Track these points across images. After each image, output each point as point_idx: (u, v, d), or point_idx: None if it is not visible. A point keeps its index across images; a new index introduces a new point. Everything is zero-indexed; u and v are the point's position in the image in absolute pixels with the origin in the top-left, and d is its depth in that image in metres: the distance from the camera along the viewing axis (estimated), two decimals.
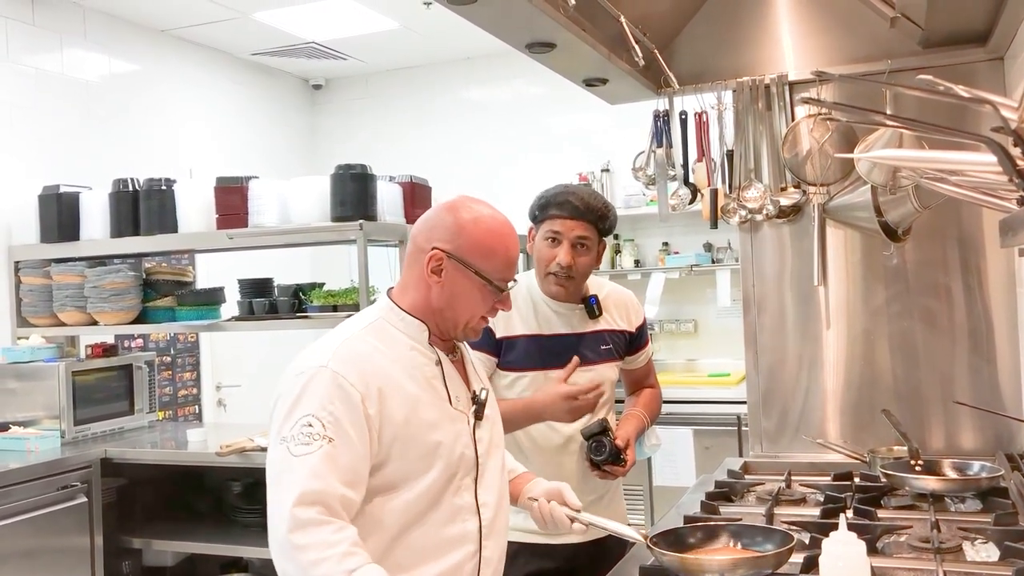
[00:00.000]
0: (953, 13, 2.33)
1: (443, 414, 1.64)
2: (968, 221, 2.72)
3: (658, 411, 2.60)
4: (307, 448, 1.49)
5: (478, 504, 1.67)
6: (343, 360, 1.56)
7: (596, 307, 2.40)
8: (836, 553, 1.30)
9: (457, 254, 1.63)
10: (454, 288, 1.64)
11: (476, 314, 1.68)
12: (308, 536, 1.44)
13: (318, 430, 1.50)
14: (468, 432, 1.68)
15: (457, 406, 1.67)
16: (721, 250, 5.59)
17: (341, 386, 1.53)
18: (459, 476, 1.64)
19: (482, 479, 1.69)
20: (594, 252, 2.35)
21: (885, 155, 1.85)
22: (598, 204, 2.34)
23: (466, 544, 1.65)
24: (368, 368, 1.57)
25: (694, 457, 4.78)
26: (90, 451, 3.83)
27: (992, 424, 2.66)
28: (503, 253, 1.66)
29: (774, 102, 2.85)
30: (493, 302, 1.68)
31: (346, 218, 3.65)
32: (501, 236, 1.67)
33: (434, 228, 1.67)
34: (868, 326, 2.82)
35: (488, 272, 1.64)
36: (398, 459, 1.57)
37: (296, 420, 1.52)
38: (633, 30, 2.42)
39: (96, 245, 4.19)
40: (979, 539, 1.85)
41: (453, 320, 1.67)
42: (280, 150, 6.45)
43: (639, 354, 2.55)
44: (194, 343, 5.58)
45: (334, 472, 1.48)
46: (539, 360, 2.32)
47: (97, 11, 5.04)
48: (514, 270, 1.70)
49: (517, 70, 5.97)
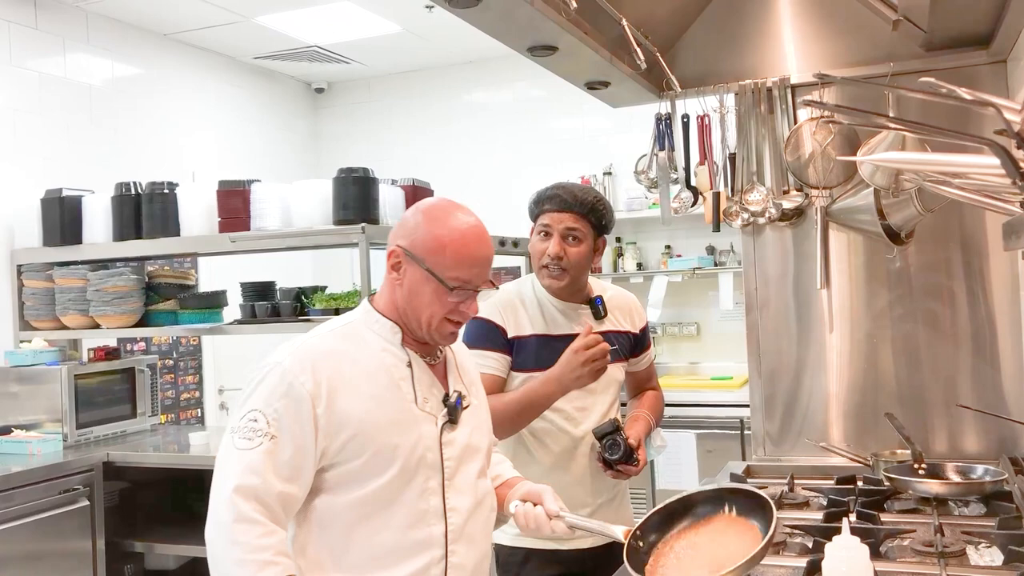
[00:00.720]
0: (956, 16, 2.32)
1: (405, 416, 1.64)
2: (971, 224, 2.71)
3: (662, 413, 2.61)
4: (248, 443, 1.54)
5: (446, 508, 1.66)
6: (299, 359, 1.60)
7: (602, 307, 2.41)
8: (839, 557, 1.30)
9: (411, 250, 1.64)
10: (411, 285, 1.65)
11: (435, 314, 1.65)
12: (239, 532, 1.49)
13: (262, 426, 1.54)
14: (434, 435, 1.67)
15: (424, 408, 1.67)
16: (724, 253, 5.58)
17: (291, 384, 1.56)
18: (421, 479, 1.64)
19: (452, 483, 1.68)
20: (587, 244, 2.35)
21: (888, 158, 1.84)
22: (587, 197, 2.36)
23: (431, 549, 1.64)
24: (323, 367, 1.59)
25: (697, 460, 4.77)
26: (92, 454, 3.83)
27: (996, 428, 2.66)
28: (455, 250, 1.63)
29: (776, 105, 2.85)
30: (452, 303, 1.65)
31: (348, 221, 3.65)
32: (456, 232, 1.64)
33: (400, 227, 1.70)
34: (871, 329, 2.81)
35: (438, 269, 1.62)
36: (353, 459, 1.59)
37: (244, 413, 1.58)
38: (635, 33, 2.42)
39: (98, 248, 4.19)
40: (983, 543, 1.85)
41: (416, 319, 1.67)
42: (282, 154, 6.45)
43: (642, 356, 2.56)
44: (196, 346, 5.58)
45: (272, 469, 1.52)
46: (547, 360, 2.32)
47: (100, 15, 5.05)
48: (472, 272, 1.65)
49: (519, 73, 5.97)
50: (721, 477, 2.60)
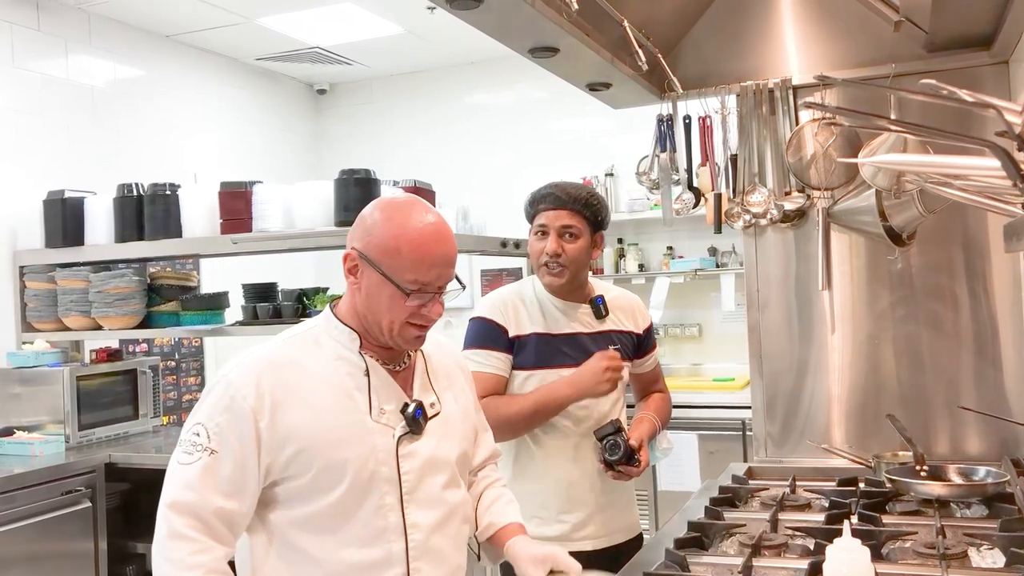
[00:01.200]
0: (957, 17, 2.32)
1: (356, 428, 1.57)
2: (973, 225, 2.71)
3: (669, 415, 2.61)
4: (188, 458, 1.52)
5: (405, 524, 1.59)
6: (244, 372, 1.56)
7: (603, 307, 2.42)
8: (840, 559, 1.30)
9: (366, 253, 1.57)
10: (368, 290, 1.59)
11: (396, 319, 1.58)
12: (172, 549, 1.47)
13: (203, 441, 1.52)
14: (389, 447, 1.59)
15: (380, 419, 1.60)
16: (726, 254, 5.58)
17: (233, 397, 1.53)
18: (376, 495, 1.57)
19: (412, 497, 1.60)
20: (584, 240, 2.35)
21: (889, 160, 1.84)
22: (581, 193, 2.37)
23: (392, 566, 1.58)
24: (267, 380, 1.55)
25: (699, 462, 4.77)
26: (94, 456, 3.83)
27: (998, 429, 2.65)
28: (410, 252, 1.54)
29: (778, 106, 2.85)
30: (411, 307, 1.57)
31: (350, 223, 3.62)
32: (412, 233, 1.56)
33: (356, 227, 1.63)
34: (873, 331, 2.81)
35: (394, 273, 1.55)
36: (300, 475, 1.54)
37: (190, 426, 1.55)
38: (636, 35, 2.42)
39: (100, 250, 4.19)
40: (985, 545, 1.84)
41: (376, 324, 1.60)
42: (284, 155, 6.46)
43: (647, 357, 2.56)
44: (198, 348, 5.58)
45: (210, 485, 1.49)
46: (548, 359, 2.34)
47: (102, 17, 5.06)
48: (431, 273, 1.56)
49: (521, 75, 5.97)
50: (723, 479, 2.60)
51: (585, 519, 2.34)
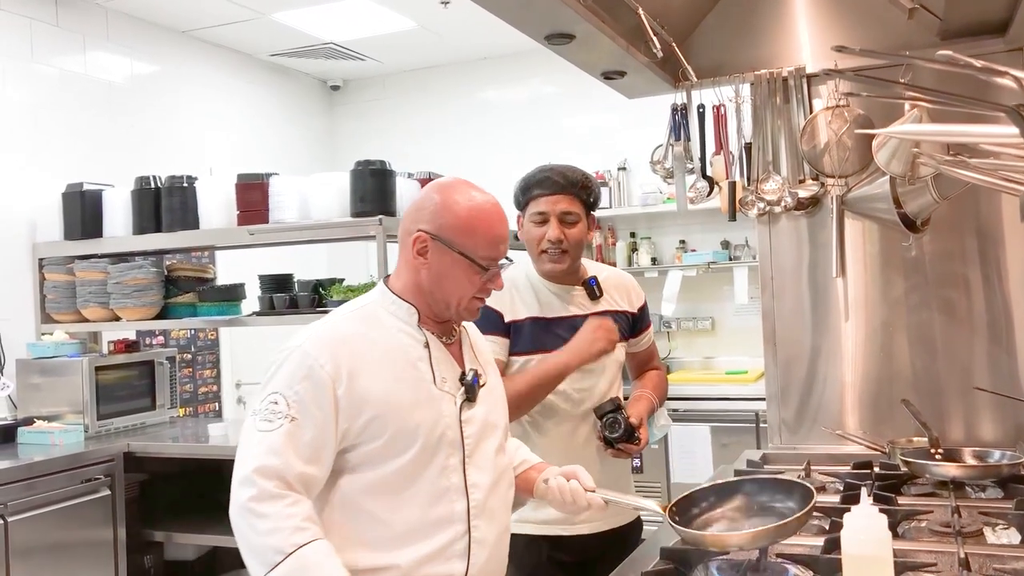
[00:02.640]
0: (971, 3, 2.33)
1: (424, 395, 1.66)
2: (987, 211, 2.71)
3: (665, 392, 2.61)
4: (269, 425, 1.56)
5: (467, 484, 1.68)
6: (318, 342, 1.62)
7: (596, 288, 2.42)
8: (858, 527, 1.31)
9: (439, 234, 1.66)
10: (440, 269, 1.67)
11: (465, 294, 1.69)
12: (265, 506, 1.51)
13: (282, 408, 1.57)
14: (453, 413, 1.69)
15: (443, 387, 1.69)
16: (738, 247, 5.59)
17: (311, 367, 1.59)
18: (442, 456, 1.66)
19: (472, 460, 1.70)
20: (582, 224, 2.36)
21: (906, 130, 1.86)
22: (577, 176, 2.36)
23: (454, 524, 1.66)
24: (343, 350, 1.61)
25: (712, 454, 4.78)
26: (113, 445, 3.87)
27: (1012, 415, 2.66)
28: (485, 230, 1.67)
29: (792, 95, 2.86)
30: (481, 281, 1.69)
31: (365, 214, 3.68)
32: (483, 213, 1.68)
33: (419, 210, 1.70)
34: (887, 318, 2.82)
35: (470, 250, 1.66)
36: (374, 439, 1.61)
37: (265, 396, 1.60)
38: (651, 23, 2.44)
39: (119, 242, 4.24)
40: (1000, 524, 1.86)
41: (444, 301, 1.70)
42: (298, 151, 6.50)
43: (642, 336, 2.56)
44: (214, 341, 5.63)
45: (292, 450, 1.54)
46: (544, 342, 2.33)
47: (120, 12, 5.11)
48: (500, 249, 1.71)
49: (533, 70, 6.01)
50: (738, 464, 2.61)
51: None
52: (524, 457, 1.94)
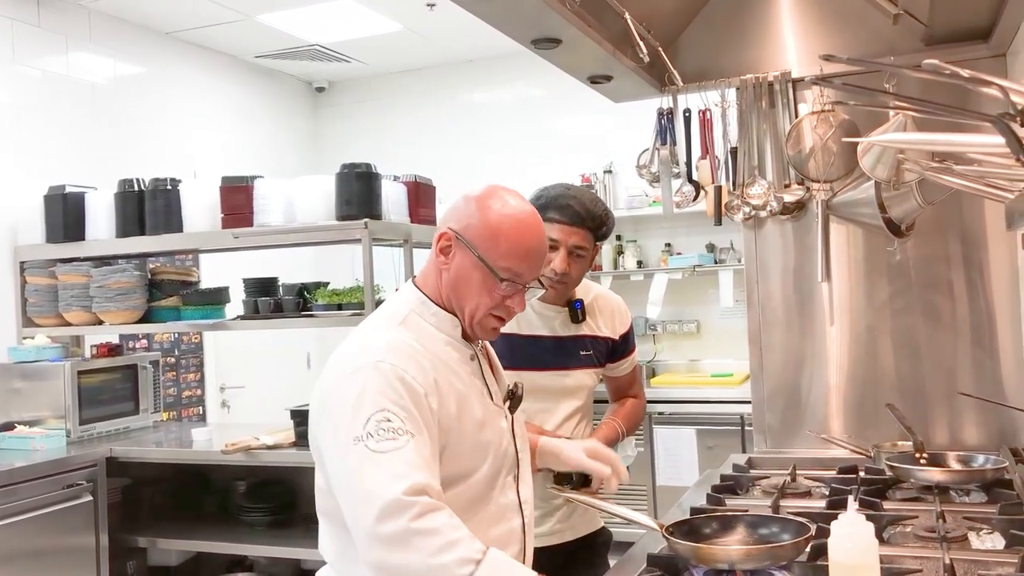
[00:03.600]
0: (955, 9, 2.34)
1: (487, 410, 1.59)
2: (971, 216, 2.73)
3: (638, 422, 2.52)
4: (395, 443, 1.38)
5: (520, 501, 1.63)
6: (398, 354, 1.48)
7: (580, 312, 2.34)
8: (845, 534, 1.31)
9: (463, 234, 1.56)
10: (459, 272, 1.57)
11: (480, 305, 1.57)
12: (431, 521, 1.34)
13: (398, 424, 1.40)
14: (508, 428, 1.63)
15: (496, 401, 1.63)
16: (724, 251, 5.60)
17: (404, 380, 1.45)
18: (503, 474, 1.60)
19: (523, 476, 1.65)
20: (588, 259, 2.30)
21: (892, 138, 1.87)
22: (599, 211, 2.28)
23: (512, 543, 1.59)
24: (424, 362, 1.50)
25: (697, 457, 4.79)
26: (95, 450, 3.84)
27: (996, 419, 2.67)
28: (511, 239, 1.55)
29: (777, 99, 2.86)
30: (499, 295, 1.56)
31: (351, 217, 3.66)
32: (513, 221, 1.56)
33: (454, 210, 1.61)
34: (872, 322, 2.83)
35: (491, 258, 1.54)
36: (451, 456, 1.50)
37: (369, 417, 1.40)
38: (637, 27, 2.44)
39: (101, 245, 4.20)
40: (985, 529, 1.86)
41: (459, 309, 1.59)
42: (284, 153, 6.47)
43: (623, 362, 2.47)
44: (198, 344, 5.60)
45: (425, 465, 1.40)
46: (513, 360, 2.16)
47: (102, 13, 5.07)
48: (528, 265, 1.57)
49: (520, 72, 6.00)
50: (724, 469, 2.61)
51: (543, 515, 2.23)
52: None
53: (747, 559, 1.55)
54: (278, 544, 3.70)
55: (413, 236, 3.84)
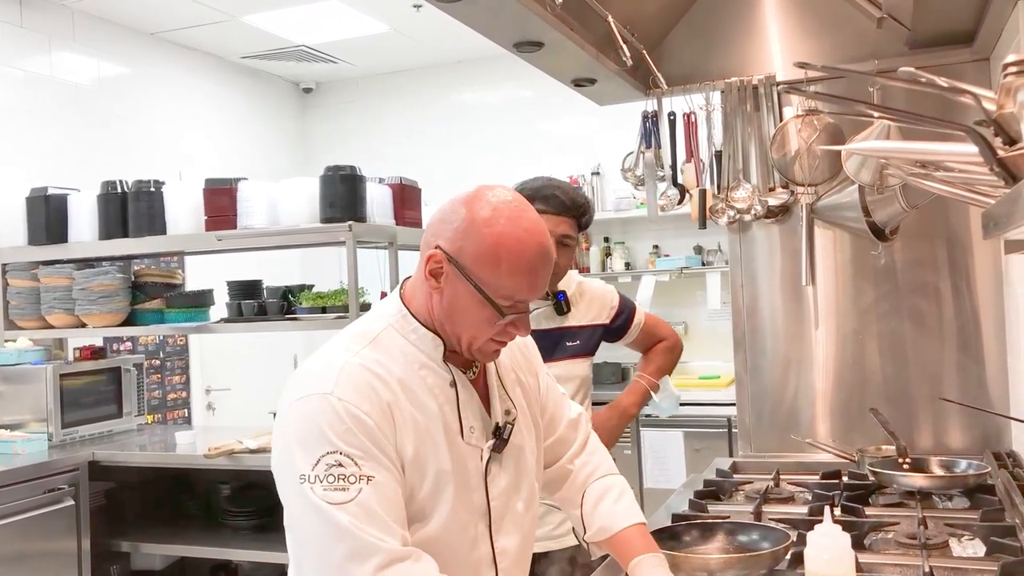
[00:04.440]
0: (939, 14, 2.34)
1: (455, 450, 1.37)
2: (956, 220, 2.73)
3: (670, 361, 2.61)
4: (345, 495, 1.24)
5: (495, 553, 1.43)
6: (351, 386, 1.31)
7: (564, 304, 2.38)
8: (820, 545, 1.30)
9: (458, 259, 1.33)
10: (453, 300, 1.35)
11: (479, 335, 1.36)
12: (399, 569, 1.22)
13: (352, 471, 1.25)
14: (480, 472, 1.40)
15: (470, 439, 1.40)
16: (711, 253, 5.60)
17: (356, 416, 1.28)
18: (472, 524, 1.39)
19: (499, 525, 1.43)
20: (574, 247, 2.36)
21: (868, 146, 1.86)
22: (581, 199, 2.34)
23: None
24: (380, 392, 1.32)
25: (684, 459, 4.78)
26: (78, 454, 3.80)
27: (980, 423, 2.67)
28: (513, 264, 1.31)
29: (762, 103, 2.86)
30: (500, 325, 1.35)
31: (335, 219, 3.64)
32: (515, 242, 1.32)
33: (443, 222, 1.37)
34: (857, 326, 2.83)
35: (490, 286, 1.32)
36: (416, 491, 1.34)
37: (318, 459, 1.26)
38: (621, 30, 2.42)
39: (84, 247, 4.16)
40: (966, 535, 1.85)
41: (455, 335, 1.38)
42: (271, 154, 6.45)
43: (628, 333, 2.56)
44: (183, 346, 5.56)
45: (386, 511, 1.25)
46: None
47: (86, 13, 5.04)
48: (531, 289, 1.35)
49: (507, 74, 5.99)
50: (707, 473, 2.60)
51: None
52: (601, 525, 1.59)
53: (726, 568, 1.54)
54: (262, 548, 3.68)
55: (398, 238, 3.82)
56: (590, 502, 1.61)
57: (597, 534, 1.58)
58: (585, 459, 1.66)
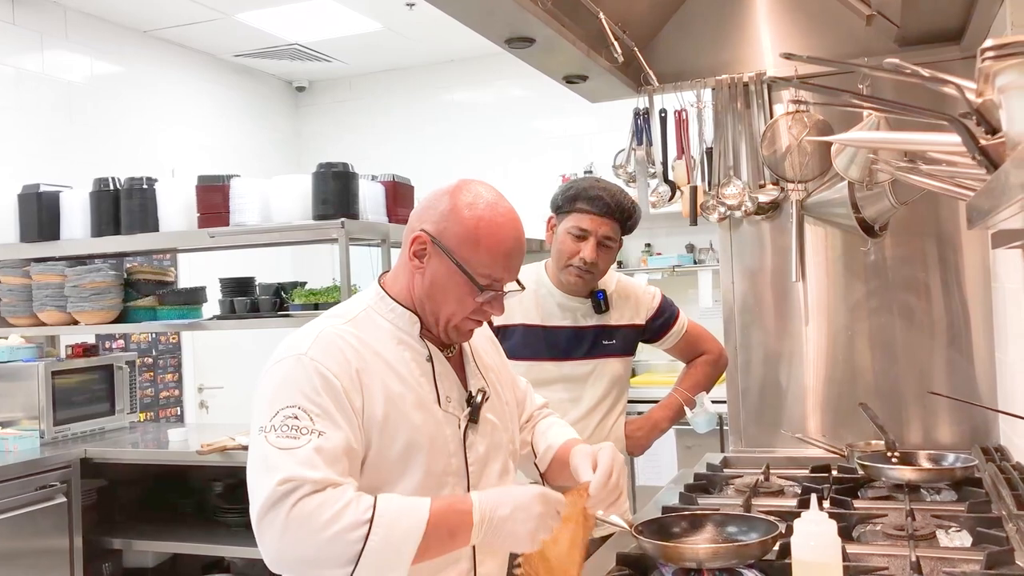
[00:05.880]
0: (928, 11, 2.36)
1: (429, 416, 1.48)
2: (945, 217, 2.75)
3: (710, 377, 2.60)
4: (294, 443, 1.34)
5: None
6: (323, 348, 1.43)
7: (604, 302, 2.42)
8: (808, 532, 1.32)
9: (441, 239, 1.47)
10: (434, 278, 1.48)
11: (457, 313, 1.49)
12: (308, 503, 1.29)
13: (305, 423, 1.35)
14: (458, 438, 1.52)
15: (447, 408, 1.52)
16: (703, 251, 5.62)
17: (324, 375, 1.39)
18: (448, 488, 1.48)
19: (476, 489, 1.51)
20: (616, 251, 2.39)
21: (855, 137, 1.88)
22: (627, 203, 2.35)
23: (459, 561, 1.49)
24: (350, 360, 1.43)
25: (676, 456, 4.79)
26: (70, 451, 3.80)
27: (968, 418, 2.69)
28: (491, 245, 1.46)
29: (753, 100, 2.88)
30: (478, 302, 1.48)
31: (328, 216, 3.64)
32: (493, 225, 1.47)
33: (427, 208, 1.51)
34: (847, 321, 2.85)
35: (470, 265, 1.46)
36: (373, 462, 1.43)
37: (277, 411, 1.37)
38: (612, 27, 2.44)
39: (76, 244, 4.15)
40: (953, 527, 1.87)
41: (433, 314, 1.51)
42: (264, 152, 6.45)
43: (666, 337, 2.55)
44: (176, 344, 5.56)
45: (327, 464, 1.33)
46: (535, 350, 2.35)
47: (78, 11, 5.03)
48: (506, 270, 1.49)
49: (500, 72, 6.00)
50: (698, 468, 2.62)
51: None
52: (547, 444, 1.73)
53: (714, 558, 1.56)
54: (255, 545, 3.65)
55: (391, 236, 3.82)
56: (539, 431, 1.79)
57: (545, 454, 1.73)
58: (539, 410, 1.85)
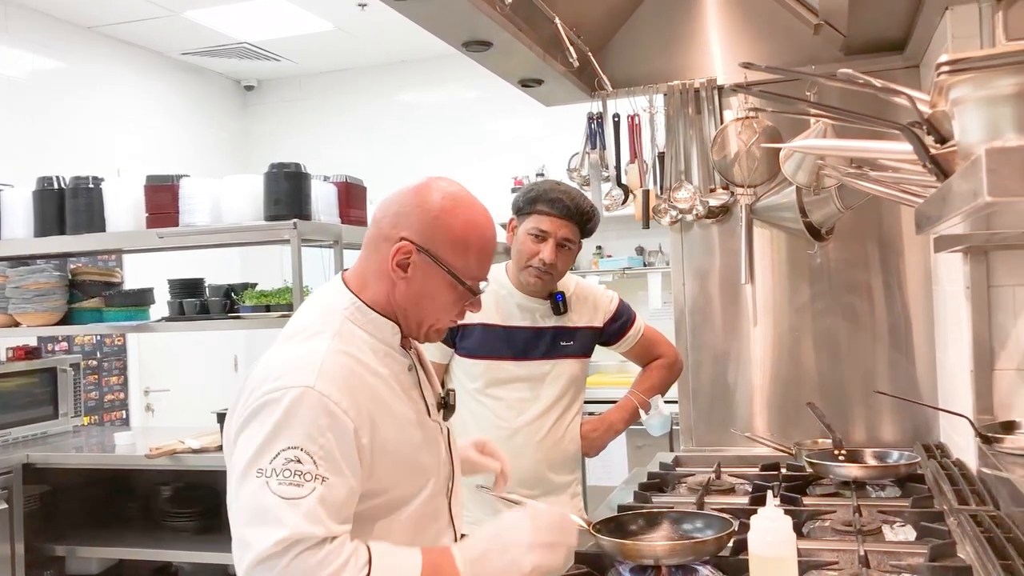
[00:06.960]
0: (873, 21, 2.43)
1: (426, 430, 1.48)
2: (888, 222, 2.83)
3: (664, 380, 2.66)
4: (298, 491, 1.26)
5: (453, 519, 1.55)
6: (331, 380, 1.33)
7: (563, 304, 2.45)
8: (764, 528, 1.35)
9: (428, 248, 1.41)
10: (423, 287, 1.43)
11: (443, 316, 1.47)
12: (305, 560, 1.24)
13: (308, 468, 1.27)
14: (445, 444, 1.53)
15: (436, 417, 1.52)
16: (652, 254, 5.69)
17: (333, 413, 1.30)
18: (441, 496, 1.50)
19: (455, 489, 1.55)
20: (575, 253, 2.42)
21: (808, 144, 1.93)
22: (586, 206, 2.39)
23: None
24: (358, 390, 1.36)
25: (627, 457, 4.85)
26: (11, 456, 3.70)
27: (911, 417, 2.78)
28: (480, 249, 1.44)
29: (704, 105, 2.93)
30: (464, 304, 1.48)
31: (280, 217, 3.60)
32: (479, 228, 1.45)
33: (403, 214, 1.43)
34: (793, 323, 2.91)
35: (461, 270, 1.43)
36: (387, 489, 1.40)
37: (278, 452, 1.28)
38: (568, 32, 2.47)
39: (18, 244, 4.05)
40: (898, 522, 1.93)
41: (417, 321, 1.47)
42: (211, 152, 6.36)
43: (623, 340, 2.61)
44: (121, 347, 5.45)
45: (329, 515, 1.27)
46: (494, 349, 2.38)
47: (19, 5, 4.91)
48: (487, 269, 1.50)
49: (452, 74, 6.00)
50: (651, 467, 2.66)
51: None
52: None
53: (671, 554, 1.59)
54: (204, 550, 3.62)
55: (344, 237, 3.80)
56: None
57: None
58: None
